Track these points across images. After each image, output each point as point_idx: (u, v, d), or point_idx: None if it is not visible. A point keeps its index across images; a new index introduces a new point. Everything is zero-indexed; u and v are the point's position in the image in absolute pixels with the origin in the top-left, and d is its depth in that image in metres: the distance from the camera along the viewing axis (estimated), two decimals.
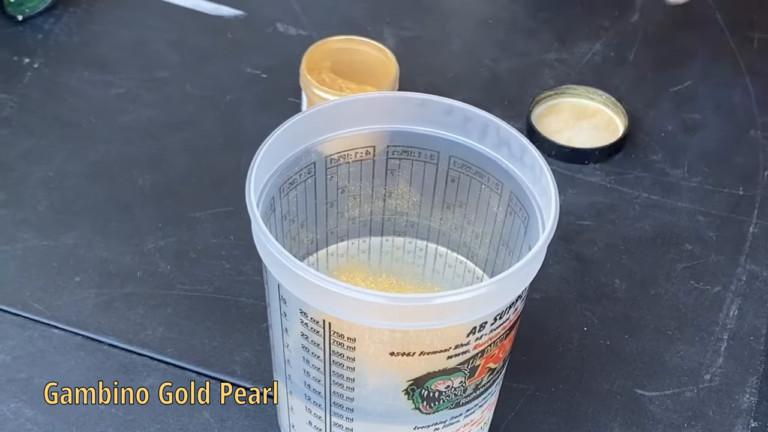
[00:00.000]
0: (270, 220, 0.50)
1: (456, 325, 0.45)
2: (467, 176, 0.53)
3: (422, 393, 0.48)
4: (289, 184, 0.52)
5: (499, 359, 0.50)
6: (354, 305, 0.44)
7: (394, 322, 0.44)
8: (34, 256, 0.64)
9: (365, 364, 0.47)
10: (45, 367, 0.58)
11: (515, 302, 0.47)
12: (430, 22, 0.83)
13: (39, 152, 0.70)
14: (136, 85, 0.75)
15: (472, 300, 0.44)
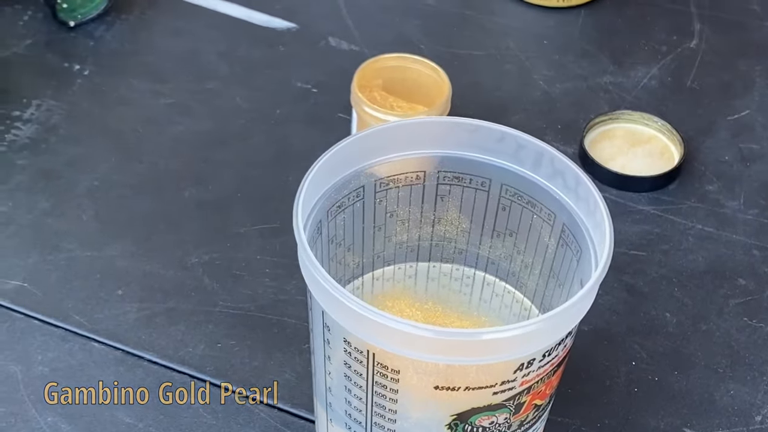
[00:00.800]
0: (316, 244, 0.50)
1: (503, 361, 0.44)
2: (519, 205, 0.52)
3: (465, 428, 0.47)
4: (336, 207, 0.51)
5: (545, 395, 0.48)
6: (399, 337, 0.43)
7: (440, 356, 0.43)
8: (77, 267, 0.63)
9: (408, 396, 0.46)
10: (84, 381, 0.58)
11: (564, 339, 0.46)
12: (484, 40, 0.82)
13: (85, 161, 0.70)
14: (186, 96, 0.75)
15: (521, 337, 0.43)
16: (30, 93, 0.74)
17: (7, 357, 0.59)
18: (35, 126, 0.72)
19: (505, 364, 0.44)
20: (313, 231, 0.49)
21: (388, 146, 0.51)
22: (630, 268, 0.66)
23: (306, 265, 0.45)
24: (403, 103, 0.68)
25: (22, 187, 0.68)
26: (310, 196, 0.48)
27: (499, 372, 0.45)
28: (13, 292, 0.62)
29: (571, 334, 0.47)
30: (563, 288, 0.51)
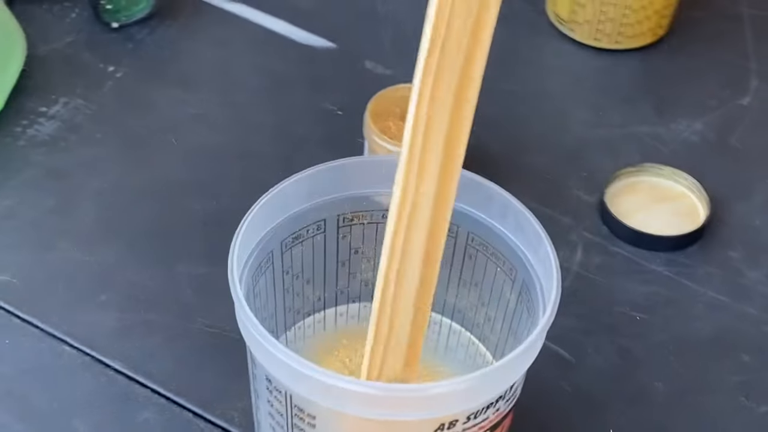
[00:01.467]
0: (266, 274, 0.49)
1: (421, 420, 0.42)
2: (484, 256, 0.50)
3: None
4: (293, 238, 0.49)
5: None
6: (311, 384, 0.42)
7: (348, 406, 0.42)
8: (67, 268, 0.64)
9: None
10: (47, 384, 0.58)
11: (495, 402, 0.44)
12: (524, 75, 0.79)
13: (100, 163, 0.70)
14: (212, 107, 0.75)
15: (439, 397, 0.41)
16: (60, 90, 0.75)
17: None
18: (58, 123, 0.73)
19: (424, 423, 0.43)
20: (263, 261, 0.48)
21: (355, 182, 0.50)
22: (628, 330, 0.63)
23: (234, 296, 0.44)
24: None
25: (32, 184, 0.69)
26: (258, 225, 0.47)
27: (417, 430, 0.43)
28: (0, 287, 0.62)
29: (505, 398, 0.45)
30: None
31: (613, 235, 0.68)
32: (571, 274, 0.65)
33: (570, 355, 0.61)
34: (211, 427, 0.57)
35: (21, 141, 0.71)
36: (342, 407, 0.42)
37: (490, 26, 0.40)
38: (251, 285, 0.47)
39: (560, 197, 0.70)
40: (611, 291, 0.65)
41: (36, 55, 0.77)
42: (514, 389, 0.45)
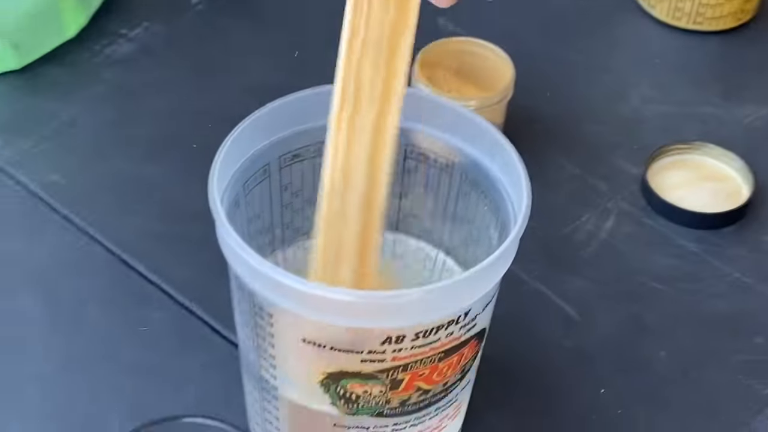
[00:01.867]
0: (262, 185, 0.51)
1: (370, 329, 0.44)
2: (476, 194, 0.51)
3: (338, 390, 0.46)
4: (292, 156, 0.51)
5: (434, 382, 0.47)
6: (264, 281, 0.44)
7: (298, 307, 0.43)
8: (113, 177, 0.67)
9: (282, 344, 0.46)
10: (74, 277, 0.62)
11: (447, 325, 0.45)
12: (596, 47, 0.79)
13: (164, 86, 0.74)
14: (282, 47, 0.77)
15: (383, 306, 0.43)
16: (143, 15, 0.79)
17: (17, 240, 0.63)
18: (135, 46, 0.76)
19: (372, 332, 0.44)
20: (257, 172, 0.50)
21: None
22: (642, 300, 0.62)
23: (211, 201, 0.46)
24: (459, 85, 0.68)
25: (98, 97, 0.72)
26: (254, 135, 0.49)
27: (364, 339, 0.44)
28: (48, 185, 0.66)
29: (460, 324, 0.45)
30: None
31: (649, 207, 0.68)
32: (597, 240, 0.66)
33: (577, 315, 0.61)
34: (216, 335, 0.59)
35: (97, 58, 0.75)
36: (292, 307, 0.43)
37: None
38: (242, 192, 0.49)
39: (605, 166, 0.70)
40: (634, 260, 0.65)
41: None
42: (469, 316, 0.45)
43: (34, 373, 0.57)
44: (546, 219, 0.66)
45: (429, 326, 0.44)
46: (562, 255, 0.65)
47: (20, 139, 0.69)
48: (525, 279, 0.63)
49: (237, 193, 0.49)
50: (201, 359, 0.58)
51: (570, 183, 0.69)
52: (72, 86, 0.73)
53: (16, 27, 0.72)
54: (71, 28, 0.75)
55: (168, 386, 0.57)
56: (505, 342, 0.59)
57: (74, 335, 0.59)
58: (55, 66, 0.74)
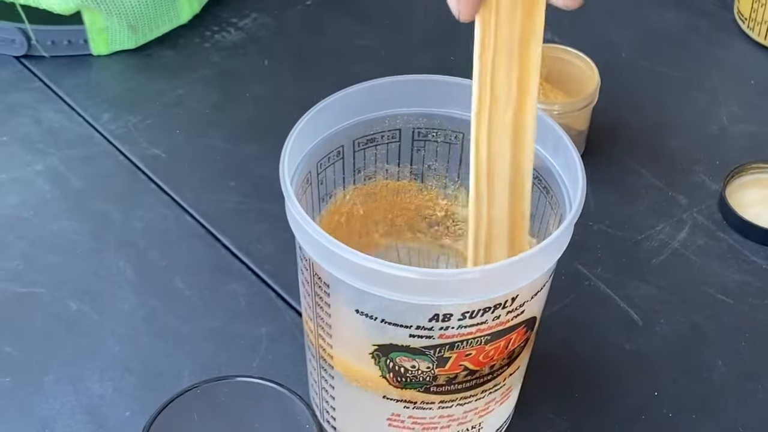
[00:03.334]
0: (335, 166, 0.54)
1: (419, 305, 0.46)
2: (538, 189, 0.53)
3: (387, 363, 0.49)
4: (367, 140, 0.54)
5: (480, 364, 0.49)
6: (322, 251, 0.46)
7: (354, 279, 0.46)
8: (210, 154, 0.71)
9: (338, 314, 0.49)
10: (163, 244, 0.66)
11: (493, 309, 0.47)
12: (690, 64, 0.80)
13: (266, 72, 0.78)
14: (381, 44, 0.80)
15: (432, 283, 0.45)
16: (253, 6, 0.83)
17: (116, 206, 0.68)
18: (242, 34, 0.81)
19: (421, 309, 0.46)
20: (330, 153, 0.53)
21: (430, 99, 0.54)
22: (707, 310, 0.63)
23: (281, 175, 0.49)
24: (550, 92, 0.69)
25: (204, 80, 0.77)
26: (326, 119, 0.52)
27: (413, 315, 0.47)
28: (149, 158, 0.71)
29: (507, 308, 0.47)
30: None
31: (725, 222, 0.68)
32: (668, 250, 0.67)
33: (640, 318, 0.63)
34: (287, 307, 0.62)
35: (207, 44, 0.80)
36: (346, 278, 0.46)
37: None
38: (314, 171, 0.52)
39: (685, 179, 0.71)
40: (704, 272, 0.65)
41: None
42: (517, 302, 0.47)
43: (118, 330, 0.61)
44: (620, 225, 0.68)
45: (476, 307, 0.46)
46: (633, 261, 0.66)
47: (128, 114, 0.74)
48: (593, 280, 0.64)
49: (309, 171, 0.52)
50: (270, 328, 0.61)
51: (648, 192, 0.70)
52: (181, 68, 0.78)
53: (135, 9, 0.76)
54: (185, 14, 0.80)
55: (237, 350, 0.60)
56: (567, 339, 0.61)
57: (157, 297, 0.63)
58: (167, 48, 0.79)
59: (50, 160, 0.70)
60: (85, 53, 0.78)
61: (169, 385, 0.58)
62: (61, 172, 0.70)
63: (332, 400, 0.54)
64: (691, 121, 0.76)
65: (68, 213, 0.67)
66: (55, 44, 0.77)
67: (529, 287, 0.48)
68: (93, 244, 0.65)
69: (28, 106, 0.74)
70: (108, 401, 0.57)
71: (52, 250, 0.65)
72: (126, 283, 0.63)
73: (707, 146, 0.74)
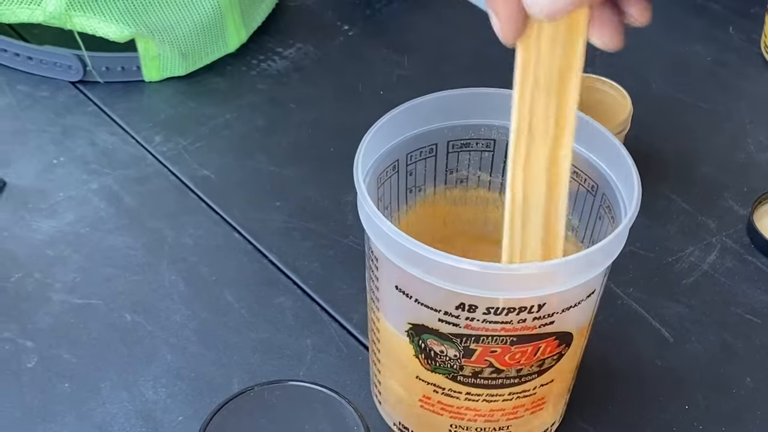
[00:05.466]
0: (391, 179, 0.57)
1: (447, 291, 0.48)
2: (597, 196, 0.55)
3: (420, 343, 0.52)
4: (419, 152, 0.57)
5: (507, 364, 0.52)
6: (373, 226, 0.50)
7: (394, 256, 0.49)
8: (257, 175, 0.75)
9: (383, 287, 0.52)
10: (214, 260, 0.69)
11: (518, 310, 0.49)
12: (718, 95, 0.83)
13: (310, 100, 0.81)
14: (419, 72, 0.84)
15: (457, 271, 0.47)
16: (297, 37, 0.87)
17: (167, 223, 0.71)
18: (287, 63, 0.84)
19: (447, 295, 0.49)
20: (387, 167, 0.56)
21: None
22: (736, 329, 0.66)
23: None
24: None
25: (251, 106, 0.80)
26: (384, 136, 0.55)
27: (441, 299, 0.49)
28: (199, 178, 0.74)
29: (533, 313, 0.49)
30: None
31: (753, 245, 0.71)
32: (698, 271, 0.69)
33: (671, 336, 0.65)
34: (331, 320, 0.65)
35: (253, 71, 0.83)
36: (388, 253, 0.49)
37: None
38: (375, 185, 0.55)
39: (714, 204, 0.74)
40: (732, 293, 0.68)
41: (286, 5, 0.89)
42: (544, 310, 0.49)
43: (171, 340, 0.64)
44: (652, 247, 0.70)
45: (500, 305, 0.49)
46: (664, 281, 0.68)
47: (179, 137, 0.77)
48: (626, 299, 0.67)
49: (397, 159, 0.55)
50: (315, 340, 0.64)
51: (679, 217, 0.73)
52: (229, 94, 0.81)
53: (186, 38, 0.80)
54: (233, 43, 0.83)
55: (284, 360, 0.63)
56: (601, 354, 0.63)
57: (208, 309, 0.66)
58: (215, 75, 0.82)
59: (105, 180, 0.74)
60: (137, 79, 0.81)
61: (219, 392, 0.61)
62: (116, 191, 0.73)
63: (378, 373, 0.58)
64: (719, 150, 0.78)
65: (123, 229, 0.70)
66: (109, 70, 0.80)
67: (559, 298, 0.50)
68: (146, 258, 0.68)
69: (83, 129, 0.78)
70: (161, 406, 0.60)
71: (108, 264, 0.68)
72: (178, 295, 0.66)
73: (735, 173, 0.76)
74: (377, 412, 0.60)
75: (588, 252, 0.48)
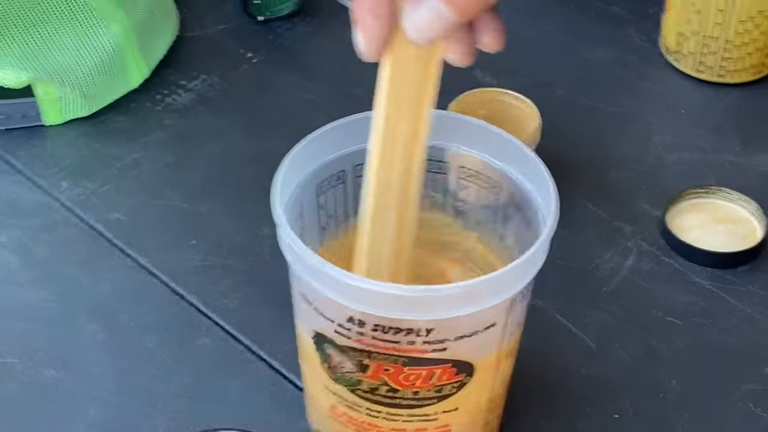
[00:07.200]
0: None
1: (337, 302, 0.49)
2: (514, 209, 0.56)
3: (323, 351, 0.52)
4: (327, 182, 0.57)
5: (401, 385, 0.51)
6: (282, 233, 0.51)
7: (293, 262, 0.50)
8: (170, 214, 0.73)
9: (293, 292, 0.54)
10: (132, 306, 0.67)
11: (406, 332, 0.48)
12: (623, 98, 0.84)
13: (219, 132, 0.80)
14: (328, 97, 0.83)
15: (341, 284, 0.48)
16: (201, 68, 0.85)
17: (81, 271, 0.69)
18: (193, 95, 0.83)
19: (339, 307, 0.49)
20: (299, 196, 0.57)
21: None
22: (658, 332, 0.66)
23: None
24: None
25: (159, 142, 0.79)
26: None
27: (335, 311, 0.49)
28: (110, 222, 0.73)
29: (422, 338, 0.49)
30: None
31: (668, 247, 0.72)
32: (618, 277, 0.70)
33: (595, 344, 0.66)
34: (257, 359, 0.64)
35: (158, 107, 0.82)
36: (289, 258, 0.51)
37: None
38: (314, 192, 0.57)
39: (627, 208, 0.75)
40: (653, 296, 0.69)
41: (186, 36, 0.88)
42: (433, 335, 0.49)
43: (92, 394, 0.62)
44: (571, 256, 0.71)
45: (385, 323, 0.48)
46: (585, 290, 0.69)
47: (86, 181, 0.76)
48: (548, 311, 0.67)
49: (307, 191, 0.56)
50: (242, 380, 0.63)
51: (594, 224, 0.73)
52: (135, 132, 0.80)
53: (86, 78, 0.78)
54: (135, 79, 0.82)
55: (211, 404, 0.62)
56: (526, 368, 0.63)
57: (129, 358, 0.64)
58: (119, 114, 0.81)
59: (11, 232, 0.72)
60: (38, 124, 0.79)
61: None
62: (24, 242, 0.71)
63: (303, 377, 0.59)
64: (629, 153, 0.79)
65: (35, 282, 0.69)
66: (9, 117, 0.79)
67: (449, 326, 0.49)
68: (62, 309, 0.67)
69: None
70: None
71: (22, 319, 0.66)
72: (97, 346, 0.65)
73: (646, 176, 0.77)
74: None
75: (467, 284, 0.48)
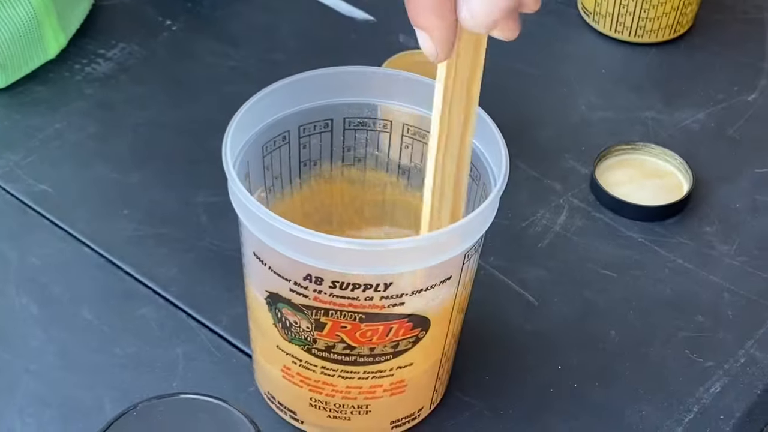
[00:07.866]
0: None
1: (294, 260, 0.49)
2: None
3: (276, 312, 0.52)
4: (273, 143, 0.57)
5: (358, 341, 0.52)
6: (234, 196, 0.51)
7: (247, 220, 0.50)
8: (98, 185, 0.72)
9: (246, 252, 0.53)
10: (65, 278, 0.66)
11: (363, 287, 0.49)
12: (545, 61, 0.85)
13: (142, 101, 0.78)
14: (251, 63, 0.82)
15: (301, 241, 0.48)
16: (120, 36, 0.83)
17: (10, 245, 0.67)
18: (112, 64, 0.81)
19: (295, 265, 0.49)
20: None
21: None
22: (594, 285, 0.68)
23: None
24: None
25: (80, 112, 0.77)
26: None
27: (291, 269, 0.49)
28: (37, 194, 0.71)
29: (380, 293, 0.49)
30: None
31: (598, 202, 0.73)
32: (551, 233, 0.71)
33: (536, 300, 0.66)
34: (200, 326, 0.64)
35: (78, 76, 0.80)
36: (244, 220, 0.51)
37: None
38: (260, 153, 0.56)
39: (556, 166, 0.76)
40: (586, 251, 0.70)
41: (103, 5, 0.86)
42: (391, 290, 0.49)
43: (31, 367, 0.61)
44: (505, 215, 0.71)
45: (344, 279, 0.49)
46: (521, 247, 0.70)
47: (9, 153, 0.73)
48: (488, 269, 0.68)
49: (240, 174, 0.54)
50: (186, 348, 0.62)
51: (526, 183, 0.74)
52: (55, 103, 0.77)
53: (3, 48, 0.76)
54: (53, 49, 0.80)
55: (156, 373, 0.61)
56: (471, 326, 0.64)
57: (67, 331, 0.63)
58: (38, 84, 0.79)
59: None
60: None
61: (91, 416, 0.58)
62: None
63: (252, 341, 0.58)
64: (554, 113, 0.80)
65: None
66: None
67: (407, 280, 0.50)
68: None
69: None
70: None
71: None
72: (32, 320, 0.63)
73: (572, 134, 0.78)
74: (264, 411, 0.59)
75: (429, 236, 0.49)
